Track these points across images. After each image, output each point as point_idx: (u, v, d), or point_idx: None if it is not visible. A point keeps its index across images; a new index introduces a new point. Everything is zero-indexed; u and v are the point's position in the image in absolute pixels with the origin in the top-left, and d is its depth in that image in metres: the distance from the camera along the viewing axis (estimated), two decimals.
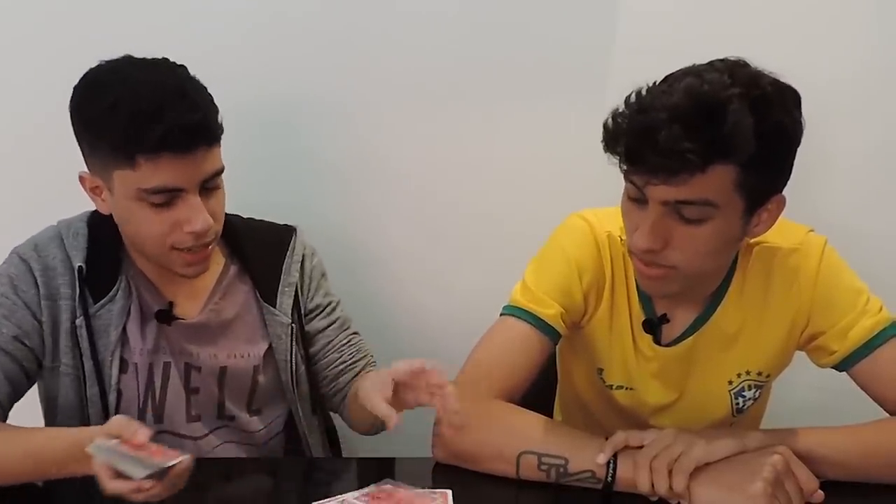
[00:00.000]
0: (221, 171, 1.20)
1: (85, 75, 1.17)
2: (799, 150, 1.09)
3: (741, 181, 1.04)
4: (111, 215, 1.21)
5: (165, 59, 1.18)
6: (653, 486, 1.06)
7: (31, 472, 1.10)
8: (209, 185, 1.18)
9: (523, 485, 1.13)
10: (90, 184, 1.20)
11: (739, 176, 1.03)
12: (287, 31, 1.59)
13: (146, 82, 1.13)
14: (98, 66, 1.17)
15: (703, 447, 1.07)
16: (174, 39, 1.55)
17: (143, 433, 0.98)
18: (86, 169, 1.20)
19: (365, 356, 1.40)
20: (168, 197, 1.15)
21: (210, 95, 1.18)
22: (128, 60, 1.17)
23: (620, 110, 1.06)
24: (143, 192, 1.14)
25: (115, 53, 1.17)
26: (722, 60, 1.06)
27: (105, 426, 1.02)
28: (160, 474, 0.95)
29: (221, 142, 1.19)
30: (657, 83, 1.06)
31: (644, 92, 1.06)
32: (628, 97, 1.06)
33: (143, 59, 1.17)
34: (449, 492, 1.09)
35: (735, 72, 1.04)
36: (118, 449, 0.96)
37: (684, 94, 1.01)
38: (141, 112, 1.10)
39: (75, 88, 1.17)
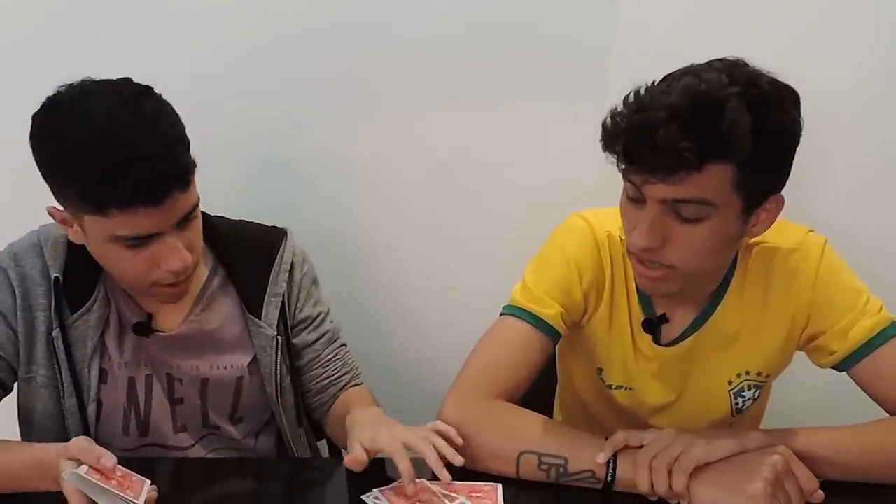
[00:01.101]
0: (197, 203, 1.14)
1: (42, 108, 1.09)
2: (798, 149, 1.09)
3: (739, 180, 1.04)
4: None
5: (128, 83, 1.10)
6: (652, 485, 1.06)
7: None
8: (186, 219, 1.12)
9: (523, 485, 1.12)
10: (59, 217, 1.14)
11: (737, 175, 1.04)
12: (283, 31, 1.59)
13: (109, 127, 1.04)
14: (56, 96, 1.08)
15: (702, 447, 1.07)
16: (170, 42, 1.56)
17: (106, 459, 0.98)
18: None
19: (350, 370, 1.39)
20: (144, 240, 1.10)
21: (177, 126, 1.10)
22: (86, 91, 1.08)
23: (619, 109, 1.06)
24: (117, 237, 1.09)
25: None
26: (720, 60, 1.07)
27: (66, 447, 1.02)
28: None
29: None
30: (655, 83, 1.07)
31: (642, 91, 1.06)
32: (627, 97, 1.06)
33: (104, 87, 1.08)
34: (499, 485, 1.10)
35: (733, 71, 1.04)
36: (90, 479, 0.97)
37: (682, 93, 1.02)
38: (107, 168, 1.03)
39: (34, 124, 1.09)
